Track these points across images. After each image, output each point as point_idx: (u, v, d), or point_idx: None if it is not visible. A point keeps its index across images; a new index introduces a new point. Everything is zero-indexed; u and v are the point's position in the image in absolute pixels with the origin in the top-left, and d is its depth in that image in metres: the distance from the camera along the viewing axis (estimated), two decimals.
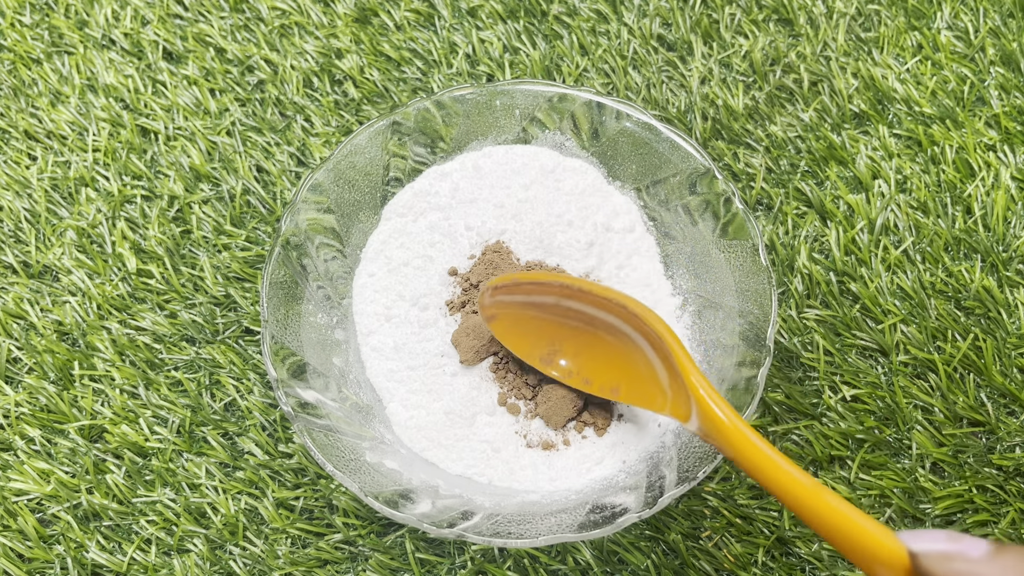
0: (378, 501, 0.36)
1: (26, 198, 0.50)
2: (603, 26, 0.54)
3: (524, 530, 0.36)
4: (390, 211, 0.45)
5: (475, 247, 0.45)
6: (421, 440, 0.41)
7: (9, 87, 0.54)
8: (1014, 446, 0.43)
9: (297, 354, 0.40)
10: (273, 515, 0.42)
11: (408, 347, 0.43)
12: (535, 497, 0.39)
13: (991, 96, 0.51)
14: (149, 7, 0.56)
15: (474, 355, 0.42)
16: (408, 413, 0.41)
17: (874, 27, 0.54)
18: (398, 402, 0.42)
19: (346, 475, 0.36)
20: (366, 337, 0.43)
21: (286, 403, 0.38)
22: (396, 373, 0.42)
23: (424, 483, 0.39)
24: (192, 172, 0.51)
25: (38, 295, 0.48)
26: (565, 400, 0.41)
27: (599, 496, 0.38)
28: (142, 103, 0.53)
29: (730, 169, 0.50)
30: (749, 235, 0.41)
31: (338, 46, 0.54)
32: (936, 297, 0.46)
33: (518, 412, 0.42)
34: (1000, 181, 0.48)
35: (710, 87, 0.52)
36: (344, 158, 0.44)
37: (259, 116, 0.52)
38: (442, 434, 0.41)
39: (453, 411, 0.41)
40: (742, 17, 0.54)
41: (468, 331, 0.42)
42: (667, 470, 0.38)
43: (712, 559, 0.41)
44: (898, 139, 0.50)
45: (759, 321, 0.40)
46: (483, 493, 0.39)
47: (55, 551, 0.42)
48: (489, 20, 0.55)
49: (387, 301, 0.44)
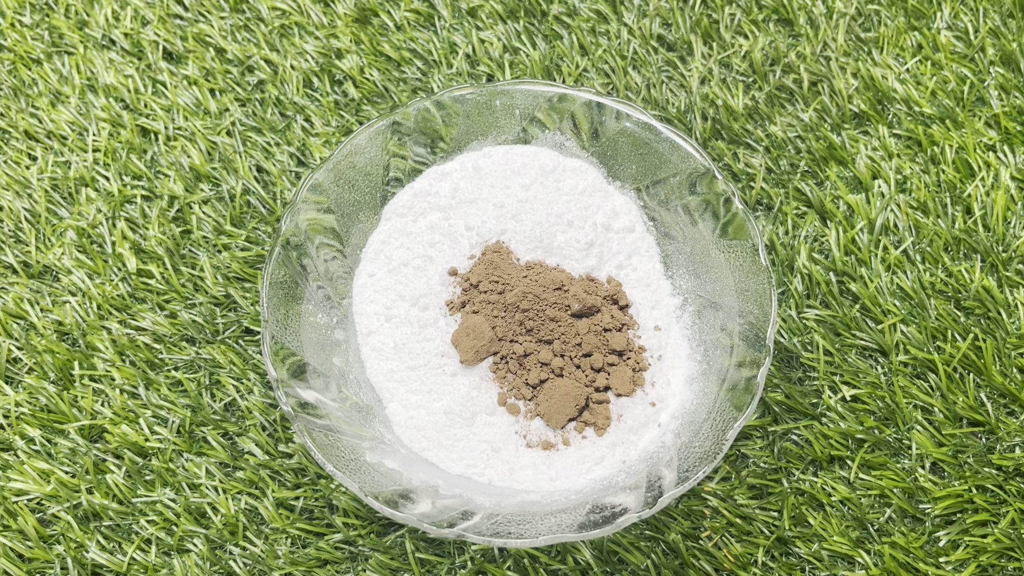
0: (378, 501, 0.36)
1: (26, 198, 0.50)
2: (603, 26, 0.54)
3: (524, 530, 0.36)
4: (390, 211, 0.45)
5: (475, 247, 0.45)
6: (421, 440, 0.41)
7: (9, 87, 0.54)
8: (1014, 446, 0.43)
9: (297, 354, 0.40)
10: (273, 515, 0.42)
11: (408, 347, 0.43)
12: (535, 497, 0.39)
13: (991, 96, 0.51)
14: (149, 7, 0.56)
15: (474, 355, 0.42)
16: (408, 413, 0.41)
17: (874, 27, 0.54)
18: (398, 402, 0.42)
19: (346, 475, 0.36)
20: (366, 337, 0.43)
21: (286, 403, 0.38)
22: (396, 373, 0.42)
23: (424, 483, 0.39)
24: (192, 172, 0.51)
25: (38, 295, 0.48)
26: (566, 400, 0.41)
27: (599, 496, 0.38)
28: (142, 103, 0.53)
29: (730, 169, 0.50)
30: (749, 235, 0.41)
31: (338, 46, 0.54)
32: (936, 297, 0.46)
33: (518, 412, 0.42)
34: (1000, 181, 0.48)
35: (710, 87, 0.52)
36: (344, 158, 0.44)
37: (259, 116, 0.52)
38: (442, 434, 0.41)
39: (453, 411, 0.41)
40: (742, 17, 0.54)
41: (468, 331, 0.42)
42: (666, 470, 0.38)
43: (712, 559, 0.41)
44: (898, 139, 0.50)
45: (759, 321, 0.40)
46: (483, 493, 0.39)
47: (55, 551, 0.42)
48: (489, 20, 0.55)
49: (387, 301, 0.44)
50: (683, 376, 0.43)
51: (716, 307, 0.43)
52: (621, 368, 0.42)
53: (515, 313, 0.42)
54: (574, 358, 0.42)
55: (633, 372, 0.42)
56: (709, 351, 0.42)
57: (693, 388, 0.42)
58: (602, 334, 0.42)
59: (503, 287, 0.43)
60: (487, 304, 0.43)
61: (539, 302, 0.42)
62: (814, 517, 0.42)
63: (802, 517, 0.42)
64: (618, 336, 0.42)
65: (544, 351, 0.42)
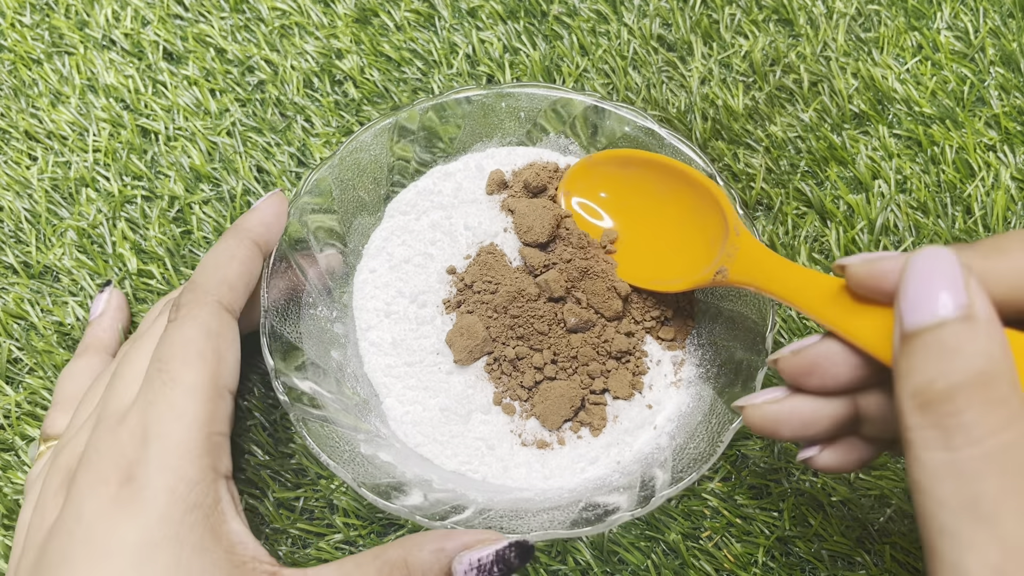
0: (370, 492, 0.36)
1: (26, 198, 0.50)
2: (603, 26, 0.54)
3: (515, 525, 0.36)
4: (393, 209, 0.46)
5: (471, 247, 0.45)
6: (416, 435, 0.41)
7: (9, 87, 0.54)
8: None
9: (296, 345, 0.40)
10: (274, 515, 0.42)
11: (406, 343, 0.43)
12: (528, 494, 0.39)
13: (991, 96, 0.51)
14: (149, 7, 0.56)
15: (468, 355, 0.42)
16: (404, 408, 0.42)
17: (874, 27, 0.54)
18: (394, 397, 0.42)
19: (340, 465, 0.36)
20: (365, 332, 0.43)
21: (283, 392, 0.38)
22: (393, 369, 0.42)
23: (418, 477, 0.39)
24: (192, 172, 0.51)
25: (38, 295, 0.48)
26: (561, 401, 0.41)
27: (592, 494, 0.38)
28: (142, 103, 0.53)
29: (730, 169, 0.50)
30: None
31: (338, 46, 0.54)
32: None
33: (513, 412, 0.42)
34: (1000, 181, 0.48)
35: (710, 87, 0.52)
36: (349, 155, 0.44)
37: (259, 116, 0.52)
38: (437, 430, 0.41)
39: (449, 408, 0.41)
40: (742, 17, 0.54)
41: (462, 331, 0.42)
42: (660, 471, 0.38)
43: (712, 559, 0.41)
44: (898, 139, 0.50)
45: (757, 326, 0.40)
46: (476, 489, 0.39)
47: None
48: (489, 20, 0.55)
49: (387, 297, 0.44)
50: (681, 379, 0.43)
51: (716, 310, 0.43)
52: (620, 372, 0.42)
53: (505, 317, 0.42)
54: (567, 367, 0.42)
55: (633, 376, 0.42)
56: (707, 353, 0.42)
57: (690, 391, 0.42)
58: (600, 344, 0.42)
59: (496, 287, 0.43)
60: (480, 304, 0.43)
61: (529, 308, 0.42)
62: (814, 517, 0.42)
63: (802, 517, 0.42)
64: (620, 339, 0.42)
65: (536, 356, 0.42)
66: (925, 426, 0.25)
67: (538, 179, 0.44)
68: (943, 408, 0.24)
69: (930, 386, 0.25)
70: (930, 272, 0.26)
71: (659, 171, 0.43)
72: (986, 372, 0.24)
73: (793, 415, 0.31)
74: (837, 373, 0.30)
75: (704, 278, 0.39)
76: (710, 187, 0.41)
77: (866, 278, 0.28)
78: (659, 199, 0.43)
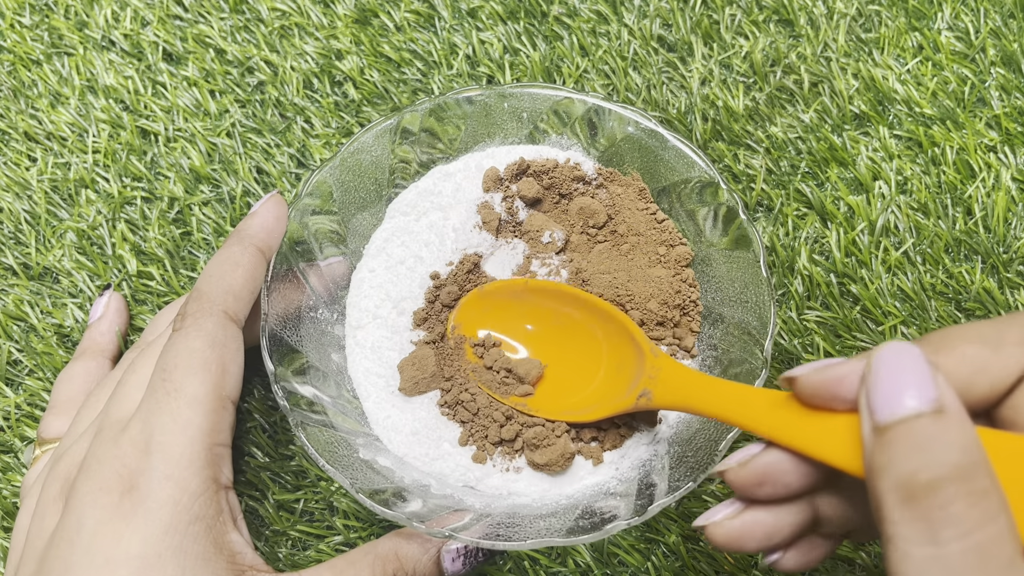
0: (369, 498, 0.36)
1: (26, 200, 0.50)
2: (603, 27, 0.54)
3: (513, 532, 0.36)
4: (394, 209, 0.45)
5: (455, 253, 0.44)
6: (400, 445, 0.40)
7: (9, 88, 0.54)
8: None
9: (296, 348, 0.40)
10: (274, 517, 0.42)
11: (382, 350, 0.42)
12: (525, 500, 0.39)
13: (992, 97, 0.51)
14: (149, 8, 0.56)
15: (413, 386, 0.41)
16: (384, 413, 0.41)
17: (875, 28, 0.54)
18: (372, 402, 0.41)
19: (338, 470, 0.36)
20: (354, 330, 0.43)
21: (282, 396, 0.38)
22: (371, 373, 0.42)
23: (416, 482, 0.39)
24: (192, 174, 0.51)
25: (38, 297, 0.48)
26: (553, 451, 0.39)
27: (590, 501, 0.38)
28: (142, 104, 0.53)
29: (730, 171, 0.50)
30: (751, 246, 0.41)
31: (338, 47, 0.54)
32: (936, 299, 0.46)
33: (485, 462, 0.40)
34: (1001, 182, 0.48)
35: (710, 88, 0.52)
36: (350, 156, 0.44)
37: (259, 117, 0.52)
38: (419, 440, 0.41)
39: (419, 432, 0.40)
40: (742, 18, 0.54)
41: (415, 360, 0.41)
42: (658, 479, 0.37)
43: (712, 561, 0.41)
44: (899, 140, 0.50)
45: (757, 332, 0.40)
46: (473, 495, 0.39)
47: None
48: (489, 21, 0.55)
49: (378, 298, 0.43)
50: None
51: (717, 314, 0.43)
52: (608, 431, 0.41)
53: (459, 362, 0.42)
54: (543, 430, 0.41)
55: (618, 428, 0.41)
56: (708, 357, 0.42)
57: None
58: None
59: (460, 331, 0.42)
60: (440, 337, 0.42)
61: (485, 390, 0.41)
62: None
63: None
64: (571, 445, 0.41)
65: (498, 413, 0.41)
66: (909, 520, 0.24)
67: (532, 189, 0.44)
68: (929, 501, 0.24)
69: (913, 478, 0.24)
70: (898, 367, 0.25)
71: (556, 299, 0.42)
72: (964, 465, 0.24)
73: (756, 528, 0.30)
74: (788, 482, 0.29)
75: (625, 403, 0.38)
76: (612, 312, 0.40)
77: (819, 386, 0.28)
78: (562, 326, 0.42)
